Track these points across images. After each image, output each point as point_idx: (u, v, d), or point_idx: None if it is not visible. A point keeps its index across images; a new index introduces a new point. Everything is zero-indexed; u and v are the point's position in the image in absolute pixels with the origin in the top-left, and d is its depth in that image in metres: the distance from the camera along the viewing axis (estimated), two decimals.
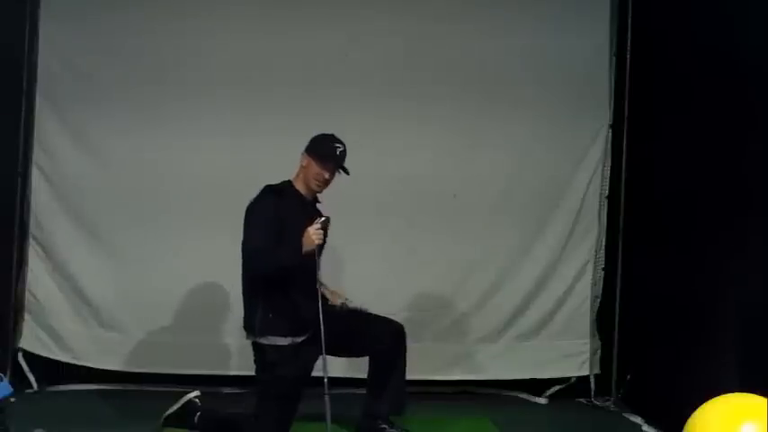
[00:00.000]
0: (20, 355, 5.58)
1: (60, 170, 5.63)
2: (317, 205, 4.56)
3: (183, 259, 5.61)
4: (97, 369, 5.61)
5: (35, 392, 5.50)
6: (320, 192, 4.50)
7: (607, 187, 5.85)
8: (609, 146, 5.84)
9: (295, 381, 4.28)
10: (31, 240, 5.62)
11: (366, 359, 4.65)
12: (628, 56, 5.76)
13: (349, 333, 4.48)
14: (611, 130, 5.84)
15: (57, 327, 5.63)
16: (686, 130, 5.02)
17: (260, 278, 4.33)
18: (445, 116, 5.76)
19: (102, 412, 5.17)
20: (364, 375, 4.69)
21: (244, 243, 4.32)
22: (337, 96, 5.62)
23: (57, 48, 5.62)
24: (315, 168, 4.41)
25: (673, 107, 5.21)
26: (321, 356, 4.24)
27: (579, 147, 5.84)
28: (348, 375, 5.15)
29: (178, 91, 5.65)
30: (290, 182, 4.51)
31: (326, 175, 4.41)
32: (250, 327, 4.39)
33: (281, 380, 4.31)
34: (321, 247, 4.29)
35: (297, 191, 4.48)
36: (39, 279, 5.63)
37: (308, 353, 4.30)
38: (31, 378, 5.56)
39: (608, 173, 5.85)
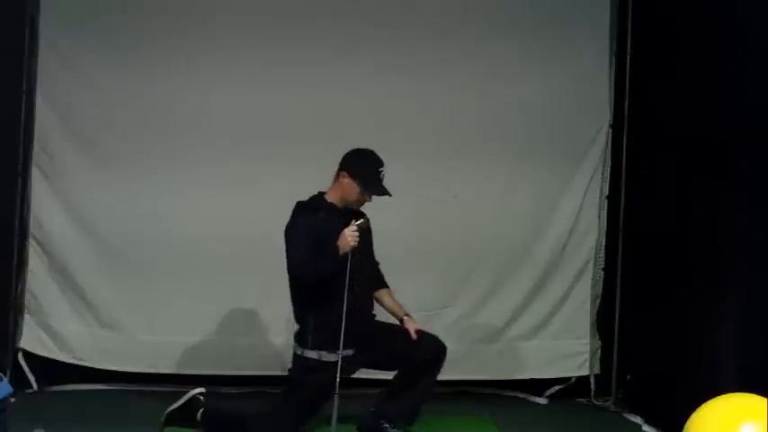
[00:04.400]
0: (20, 355, 5.58)
1: (60, 170, 5.63)
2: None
3: (183, 259, 5.61)
4: (97, 369, 5.61)
5: (35, 392, 5.51)
6: (358, 208, 4.51)
7: (607, 187, 5.85)
8: (609, 146, 5.84)
9: (326, 388, 4.29)
10: (31, 240, 5.63)
11: None
12: (628, 56, 5.76)
13: (395, 350, 4.51)
14: (611, 130, 5.84)
15: (57, 327, 5.63)
16: (686, 130, 5.02)
17: (309, 291, 4.34)
18: (444, 116, 5.76)
19: (102, 412, 5.17)
20: (373, 376, 4.72)
21: (288, 261, 4.34)
22: (335, 94, 5.62)
23: (57, 48, 5.62)
24: (355, 191, 4.42)
25: (673, 107, 5.21)
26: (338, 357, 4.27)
27: (579, 147, 5.84)
28: (355, 375, 5.17)
29: (179, 90, 5.65)
30: (321, 196, 4.49)
31: (368, 199, 4.43)
32: (302, 340, 4.41)
33: (314, 388, 4.35)
34: (357, 249, 4.30)
35: (331, 204, 4.46)
36: (39, 279, 5.63)
37: (351, 367, 4.35)
38: (31, 378, 5.56)
39: (608, 173, 5.85)
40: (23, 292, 5.63)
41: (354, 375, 5.12)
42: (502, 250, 5.80)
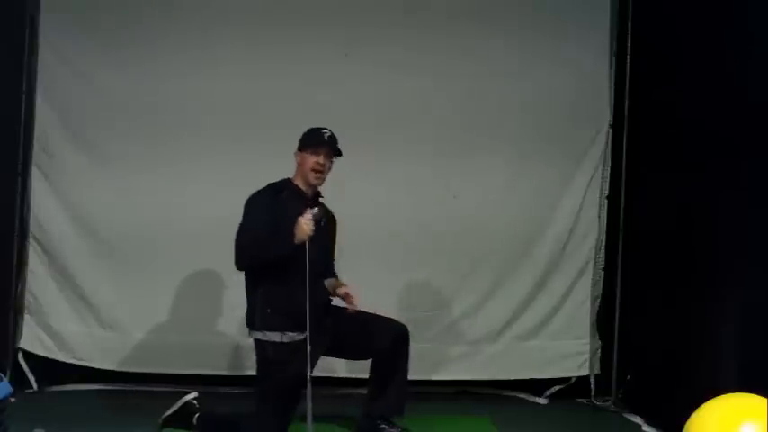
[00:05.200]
0: (20, 355, 5.58)
1: (60, 170, 5.64)
2: (321, 200, 4.58)
3: (183, 259, 5.61)
4: (97, 369, 5.62)
5: (35, 392, 5.51)
6: (319, 183, 4.51)
7: (607, 187, 5.85)
8: (609, 146, 5.84)
9: (294, 379, 4.25)
10: (31, 240, 5.63)
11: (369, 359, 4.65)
12: (628, 56, 5.76)
13: (352, 334, 4.49)
14: (611, 130, 5.84)
15: (57, 327, 5.63)
16: (686, 130, 5.02)
17: (256, 271, 4.35)
18: (445, 116, 5.76)
19: (102, 412, 5.17)
20: (365, 375, 4.69)
21: (237, 233, 4.35)
22: (335, 93, 5.62)
23: (57, 48, 5.63)
24: (309, 160, 4.44)
25: (673, 107, 5.21)
26: (309, 353, 4.19)
27: (579, 147, 5.84)
28: (350, 375, 5.16)
29: (179, 89, 5.65)
30: (288, 179, 4.54)
31: (320, 160, 4.42)
32: (250, 322, 4.42)
33: (279, 378, 4.30)
34: (313, 239, 4.26)
35: (296, 187, 4.50)
36: (39, 279, 5.64)
37: (306, 353, 4.28)
38: (31, 378, 5.57)
39: (608, 173, 5.85)
40: (23, 292, 5.63)
41: (350, 375, 5.14)
42: (502, 250, 5.80)
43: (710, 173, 4.70)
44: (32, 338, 5.62)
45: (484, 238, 5.77)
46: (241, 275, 5.38)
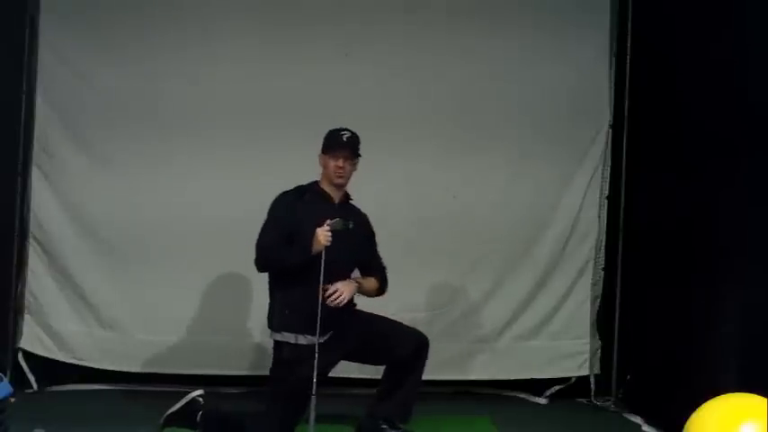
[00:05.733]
0: (20, 355, 5.58)
1: (60, 170, 5.64)
2: (351, 202, 4.62)
3: (184, 259, 5.61)
4: (97, 369, 5.62)
5: (35, 392, 5.51)
6: (344, 183, 4.54)
7: (607, 187, 5.86)
8: (609, 146, 5.84)
9: (307, 381, 4.20)
10: (31, 240, 5.63)
11: None
12: (628, 56, 5.76)
13: (374, 339, 4.51)
14: (611, 130, 5.84)
15: (57, 327, 5.63)
16: (686, 130, 5.03)
17: (276, 274, 4.42)
18: (445, 115, 5.76)
19: (102, 412, 5.16)
20: (372, 375, 4.70)
21: (258, 237, 4.40)
22: (334, 93, 5.62)
23: (57, 48, 5.63)
24: (330, 163, 4.49)
25: (673, 107, 5.21)
26: (317, 355, 4.21)
27: (579, 147, 5.84)
28: (356, 376, 5.16)
29: (180, 89, 5.65)
30: (315, 182, 4.57)
31: (339, 163, 4.46)
32: (270, 323, 4.46)
33: (292, 379, 4.29)
34: (351, 251, 4.35)
35: (323, 190, 4.53)
36: (39, 279, 5.63)
37: (327, 355, 4.28)
38: (31, 378, 5.57)
39: (608, 173, 5.85)
40: (23, 292, 5.63)
41: (356, 376, 5.14)
42: (501, 250, 5.80)
43: (710, 173, 4.71)
44: (32, 338, 5.62)
45: (484, 239, 5.77)
46: (241, 275, 5.41)
